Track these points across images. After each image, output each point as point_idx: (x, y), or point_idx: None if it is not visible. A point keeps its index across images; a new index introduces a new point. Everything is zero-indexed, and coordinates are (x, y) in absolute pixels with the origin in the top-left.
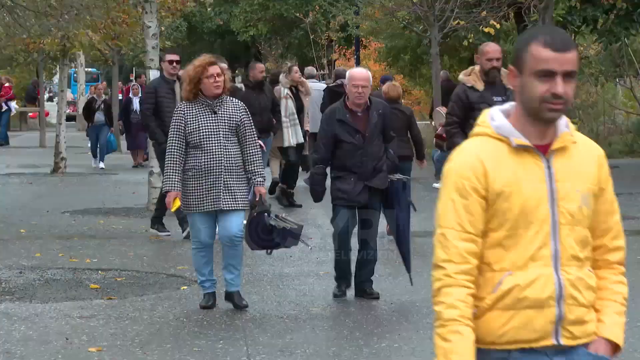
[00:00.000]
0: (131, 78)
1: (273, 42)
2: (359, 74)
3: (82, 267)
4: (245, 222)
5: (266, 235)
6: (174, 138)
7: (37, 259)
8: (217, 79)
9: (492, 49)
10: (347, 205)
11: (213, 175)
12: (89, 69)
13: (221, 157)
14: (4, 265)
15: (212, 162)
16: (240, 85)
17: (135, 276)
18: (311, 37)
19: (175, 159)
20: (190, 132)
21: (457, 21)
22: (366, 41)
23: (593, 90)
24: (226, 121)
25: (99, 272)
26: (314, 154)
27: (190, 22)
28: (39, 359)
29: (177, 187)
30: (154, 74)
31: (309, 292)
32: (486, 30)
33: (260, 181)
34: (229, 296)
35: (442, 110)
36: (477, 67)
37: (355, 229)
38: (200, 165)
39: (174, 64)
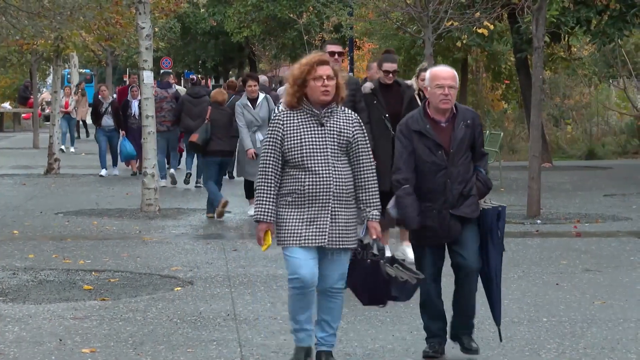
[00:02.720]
0: (125, 79)
1: (267, 43)
2: (444, 72)
3: (76, 268)
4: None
5: (378, 285)
6: (269, 154)
7: (30, 260)
8: (326, 82)
9: None
10: (435, 244)
11: (319, 202)
12: (83, 70)
13: (330, 180)
14: None
15: (318, 187)
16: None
17: (128, 277)
18: (305, 38)
19: (269, 181)
20: (290, 147)
21: (450, 22)
22: (360, 42)
23: (586, 91)
24: (335, 136)
25: (93, 273)
26: (395, 175)
27: (184, 23)
28: None
29: (270, 217)
30: (147, 75)
31: None
32: (480, 31)
33: (376, 215)
34: (316, 355)
35: None
36: None
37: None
38: (303, 190)
39: (336, 55)
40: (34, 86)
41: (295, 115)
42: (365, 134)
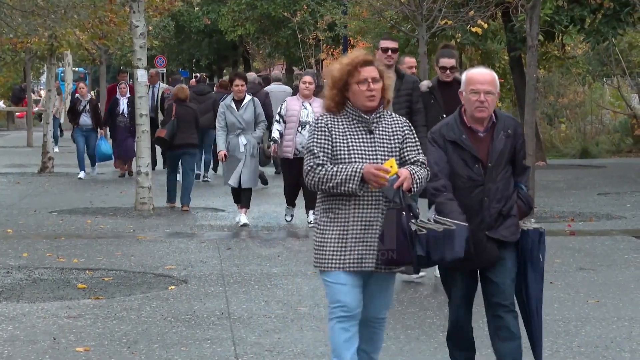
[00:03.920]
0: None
1: (261, 41)
2: (480, 75)
3: (70, 267)
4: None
5: (399, 239)
6: (320, 149)
7: (24, 259)
8: (371, 86)
9: None
10: (467, 269)
11: (366, 220)
12: (77, 69)
13: (379, 197)
14: None
15: (366, 204)
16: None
17: (122, 276)
18: (299, 36)
19: (327, 166)
20: (336, 156)
21: (444, 21)
22: (354, 41)
23: (580, 89)
24: (386, 145)
25: (87, 271)
26: (432, 183)
27: (178, 22)
28: (26, 359)
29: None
30: (141, 74)
31: (297, 292)
32: (474, 29)
33: (412, 169)
34: None
35: None
36: None
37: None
38: (348, 206)
39: (389, 52)
40: (27, 85)
41: (339, 120)
42: (415, 135)
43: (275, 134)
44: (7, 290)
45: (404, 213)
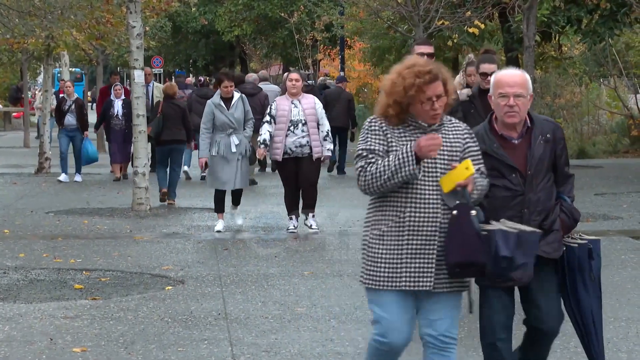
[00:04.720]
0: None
1: (258, 42)
2: (508, 77)
3: (67, 268)
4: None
5: (468, 238)
6: (373, 156)
7: (21, 259)
8: (435, 105)
9: None
10: (502, 286)
11: (422, 235)
12: (73, 69)
13: (437, 207)
14: None
15: (423, 215)
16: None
17: (119, 276)
18: (296, 37)
19: (378, 161)
20: None
21: (441, 21)
22: (351, 41)
23: (577, 90)
24: (446, 154)
25: (83, 272)
26: None
27: (175, 22)
28: (23, 359)
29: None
30: (138, 74)
31: (294, 293)
32: (470, 30)
33: (475, 176)
34: None
35: None
36: None
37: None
38: (403, 218)
39: (425, 57)
40: (24, 85)
41: (396, 125)
42: (477, 143)
43: (265, 136)
44: (4, 290)
45: (473, 212)
